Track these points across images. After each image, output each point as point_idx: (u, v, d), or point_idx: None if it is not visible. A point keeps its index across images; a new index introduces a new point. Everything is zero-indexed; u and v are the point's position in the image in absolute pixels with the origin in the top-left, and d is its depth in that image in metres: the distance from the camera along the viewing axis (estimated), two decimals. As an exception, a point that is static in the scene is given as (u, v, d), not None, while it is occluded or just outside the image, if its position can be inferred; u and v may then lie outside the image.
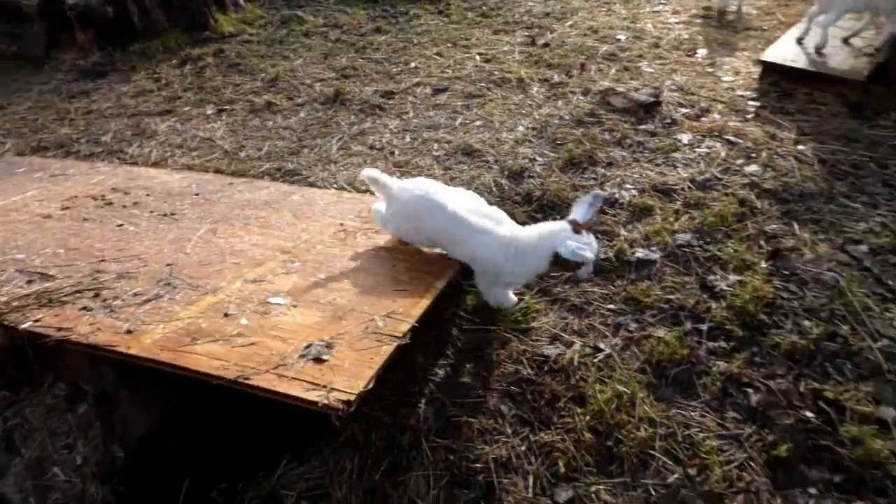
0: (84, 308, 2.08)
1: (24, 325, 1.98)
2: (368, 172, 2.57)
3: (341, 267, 2.38)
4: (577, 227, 2.18)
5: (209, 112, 4.76)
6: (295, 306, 2.04)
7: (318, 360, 1.70)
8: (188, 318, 1.98)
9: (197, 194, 3.34)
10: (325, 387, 1.57)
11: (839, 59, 4.37)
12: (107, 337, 1.87)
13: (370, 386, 1.60)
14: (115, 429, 2.08)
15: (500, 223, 2.37)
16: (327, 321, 1.95)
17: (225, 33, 6.22)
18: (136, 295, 2.17)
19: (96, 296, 2.19)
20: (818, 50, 4.48)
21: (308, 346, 1.76)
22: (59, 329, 1.91)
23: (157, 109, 4.92)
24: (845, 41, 4.65)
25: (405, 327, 1.89)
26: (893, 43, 4.11)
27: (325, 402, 1.51)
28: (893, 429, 2.00)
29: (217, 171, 3.87)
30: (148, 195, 3.33)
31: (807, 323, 2.48)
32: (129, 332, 1.90)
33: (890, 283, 2.67)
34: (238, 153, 4.09)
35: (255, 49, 5.84)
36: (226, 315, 1.99)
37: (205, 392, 1.71)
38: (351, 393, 1.54)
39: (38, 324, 1.99)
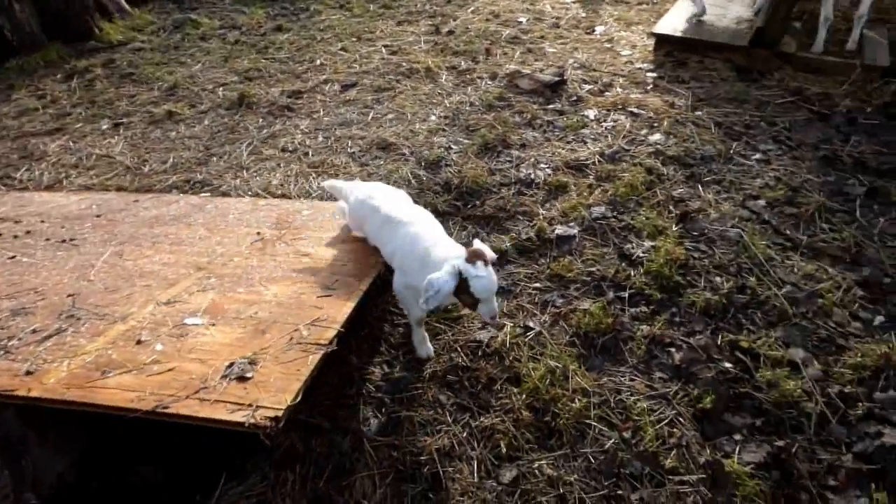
0: (-27, 355, 1.89)
1: None
2: (328, 183, 2.88)
3: (261, 278, 2.30)
4: (472, 257, 1.91)
5: (104, 127, 4.44)
6: (213, 325, 1.95)
7: (242, 378, 1.63)
8: (96, 350, 1.84)
9: (98, 216, 3.12)
10: (250, 405, 1.51)
11: (722, 27, 4.67)
12: (4, 381, 1.71)
13: (298, 399, 1.56)
14: (25, 475, 1.91)
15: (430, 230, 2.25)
16: (249, 336, 1.87)
17: (113, 42, 5.80)
18: (34, 332, 2.00)
19: (-13, 339, 2.00)
20: (696, 17, 4.77)
21: (230, 366, 1.68)
22: (-54, 382, 1.73)
23: (45, 128, 4.54)
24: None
25: (331, 334, 1.86)
26: (768, 7, 4.44)
27: (252, 421, 1.45)
28: (803, 368, 2.17)
29: (119, 188, 3.62)
30: (42, 222, 3.07)
31: (718, 279, 2.64)
32: (28, 373, 1.75)
33: (787, 232, 2.89)
34: (141, 168, 3.85)
35: (148, 57, 5.49)
36: (138, 342, 1.87)
37: (124, 424, 1.61)
38: (278, 409, 1.49)
39: (-81, 380, 1.79)
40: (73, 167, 3.96)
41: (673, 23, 4.80)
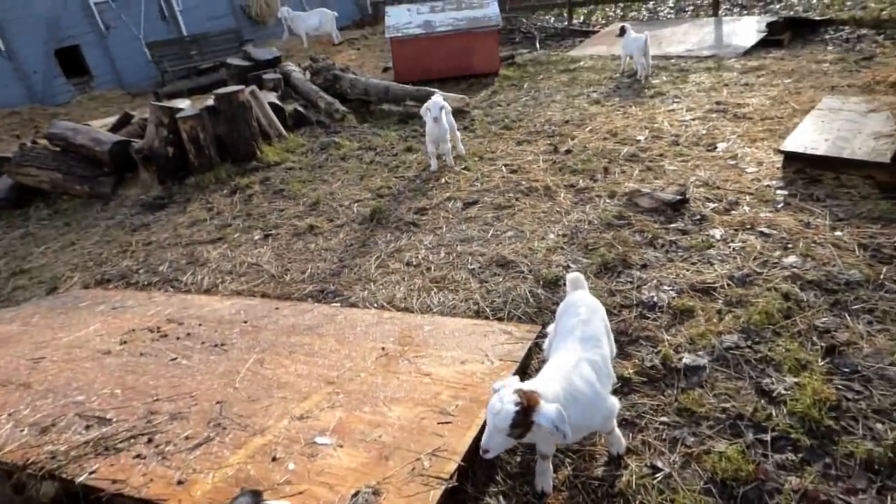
0: (138, 456, 2.14)
1: (80, 479, 2.04)
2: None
3: (385, 398, 2.40)
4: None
5: (256, 237, 5.07)
6: (341, 446, 2.05)
7: (367, 508, 1.68)
8: (237, 463, 2.01)
9: (245, 321, 3.49)
10: (375, 540, 1.55)
11: (858, 143, 4.40)
12: (159, 489, 1.91)
13: (420, 537, 1.57)
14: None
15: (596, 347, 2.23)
16: (373, 462, 1.94)
17: (270, 162, 6.75)
18: (187, 438, 2.23)
19: (150, 441, 2.26)
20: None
21: (356, 495, 1.75)
22: (114, 482, 1.97)
23: (210, 237, 5.26)
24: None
25: (451, 467, 1.87)
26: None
27: (377, 558, 1.48)
28: None
29: (264, 295, 4.06)
30: (200, 325, 3.49)
31: (880, 426, 2.33)
32: (180, 482, 1.93)
33: (962, 376, 2.51)
34: (283, 276, 4.30)
35: (297, 175, 6.29)
36: (273, 459, 2.01)
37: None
38: (401, 547, 1.51)
39: (93, 476, 2.05)
40: (227, 273, 4.52)
41: (802, 139, 4.63)
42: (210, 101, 6.98)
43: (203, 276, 4.52)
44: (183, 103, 7.24)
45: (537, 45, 11.75)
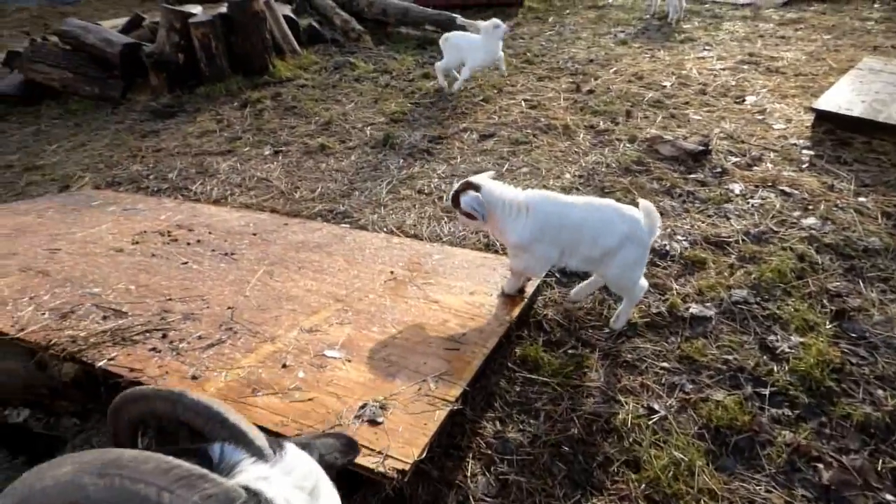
0: (153, 349, 2.18)
1: (100, 364, 2.08)
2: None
3: (393, 320, 2.42)
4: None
5: (266, 153, 4.97)
6: (349, 360, 2.08)
7: (373, 422, 1.72)
8: (248, 366, 2.04)
9: (255, 234, 3.47)
10: (380, 453, 1.59)
11: (897, 108, 4.25)
12: (174, 382, 1.94)
13: (424, 454, 1.60)
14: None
15: None
16: (381, 379, 1.97)
17: (282, 78, 6.53)
18: (200, 338, 2.26)
19: (164, 336, 2.29)
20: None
21: (363, 407, 1.78)
22: (132, 370, 2.00)
23: (219, 149, 5.17)
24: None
25: (457, 391, 1.90)
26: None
27: (381, 469, 1.52)
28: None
29: (273, 210, 4.02)
30: (210, 233, 3.48)
31: (880, 392, 2.35)
32: (194, 377, 1.97)
33: (969, 348, 2.52)
34: (293, 193, 4.25)
35: (310, 93, 6.10)
36: (284, 366, 2.04)
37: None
38: (406, 462, 1.55)
39: (112, 363, 2.09)
40: (237, 186, 4.46)
41: (836, 99, 4.46)
42: (223, 9, 6.66)
43: (212, 188, 4.46)
44: (195, 8, 6.90)
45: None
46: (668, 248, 3.23)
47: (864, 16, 7.37)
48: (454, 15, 7.60)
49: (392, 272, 2.91)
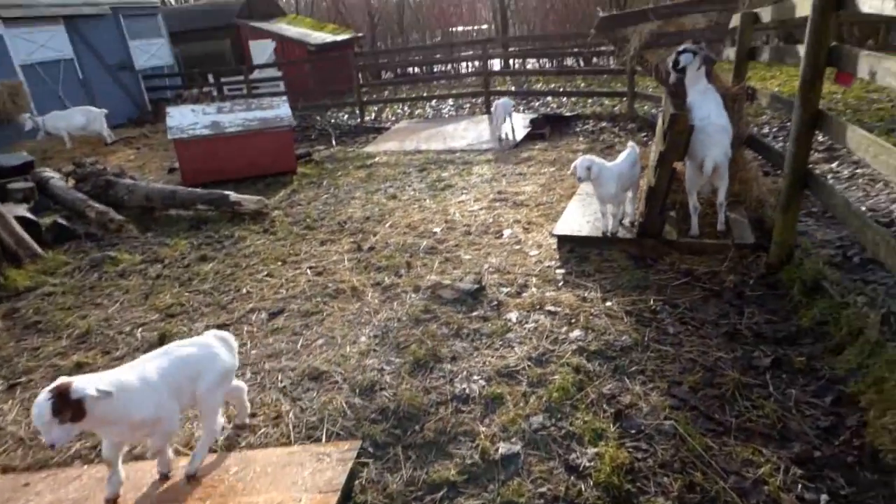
0: None
1: None
2: None
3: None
4: None
5: (-3, 391, 4.06)
6: None
7: None
8: None
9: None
10: None
11: (612, 223, 5.28)
12: None
13: None
14: None
15: None
16: None
17: (19, 289, 5.60)
18: None
19: None
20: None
21: None
22: None
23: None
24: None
25: None
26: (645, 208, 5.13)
27: None
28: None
29: (5, 469, 3.19)
30: None
31: (665, 479, 2.62)
32: None
33: (716, 416, 2.99)
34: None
35: (58, 302, 5.30)
36: None
37: None
38: None
39: None
40: (-43, 443, 3.50)
41: (570, 223, 5.40)
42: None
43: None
44: None
45: (333, 142, 12.14)
46: (468, 390, 3.35)
47: (574, 147, 9.34)
48: (227, 192, 7.59)
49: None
